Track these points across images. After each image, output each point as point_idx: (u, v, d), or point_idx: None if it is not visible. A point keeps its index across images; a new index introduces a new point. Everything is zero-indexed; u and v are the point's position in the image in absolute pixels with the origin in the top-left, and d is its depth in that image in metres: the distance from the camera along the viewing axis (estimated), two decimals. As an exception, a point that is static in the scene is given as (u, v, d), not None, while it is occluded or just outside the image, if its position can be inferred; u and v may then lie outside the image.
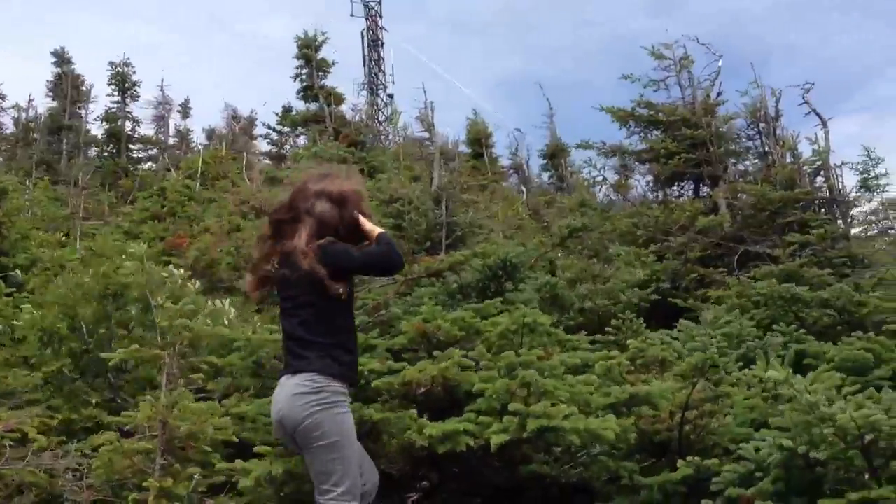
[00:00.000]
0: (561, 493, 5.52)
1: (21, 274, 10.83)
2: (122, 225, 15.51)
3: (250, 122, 34.70)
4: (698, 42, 14.12)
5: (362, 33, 33.46)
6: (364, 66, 32.88)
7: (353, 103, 27.20)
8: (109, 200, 20.86)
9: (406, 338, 6.20)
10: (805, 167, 12.46)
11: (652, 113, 13.73)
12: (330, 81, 26.32)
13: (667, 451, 5.53)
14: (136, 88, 31.08)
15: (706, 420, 5.56)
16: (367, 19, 33.57)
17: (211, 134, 34.73)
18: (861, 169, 18.45)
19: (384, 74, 33.15)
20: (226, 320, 6.63)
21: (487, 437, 4.72)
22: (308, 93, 25.77)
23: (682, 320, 8.36)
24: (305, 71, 25.85)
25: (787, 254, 10.72)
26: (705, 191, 13.57)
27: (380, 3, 33.70)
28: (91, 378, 6.41)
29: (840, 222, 11.73)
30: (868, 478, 4.26)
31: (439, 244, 10.91)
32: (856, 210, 12.89)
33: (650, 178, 14.85)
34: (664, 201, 13.98)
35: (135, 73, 30.94)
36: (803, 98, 12.86)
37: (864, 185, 18.94)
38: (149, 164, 30.73)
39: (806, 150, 12.74)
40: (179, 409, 4.82)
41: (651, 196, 15.07)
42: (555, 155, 28.33)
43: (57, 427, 5.80)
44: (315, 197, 3.56)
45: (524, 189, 28.74)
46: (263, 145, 31.67)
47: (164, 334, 5.20)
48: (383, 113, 32.03)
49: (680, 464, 4.95)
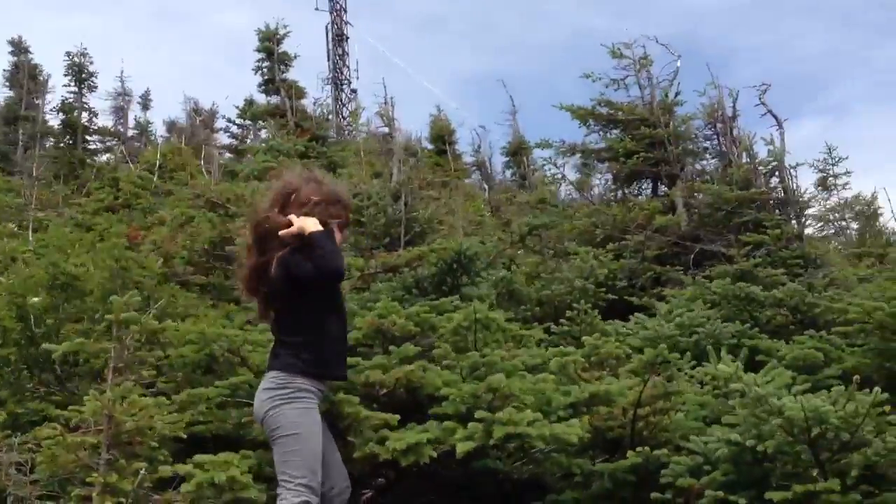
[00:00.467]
0: (514, 489, 5.54)
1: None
2: (76, 217, 15.26)
3: (211, 114, 34.32)
4: (657, 42, 14.24)
5: (327, 27, 33.18)
6: (328, 60, 32.62)
7: (316, 97, 26.92)
8: (64, 192, 20.49)
9: (361, 333, 6.17)
10: (761, 168, 12.61)
11: (611, 112, 13.81)
12: (292, 75, 26.05)
13: (619, 447, 5.56)
14: (94, 79, 30.48)
15: (658, 417, 5.60)
16: (331, 13, 33.29)
17: (171, 126, 34.27)
18: (821, 167, 18.81)
19: (348, 69, 32.92)
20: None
21: (452, 443, 4.72)
22: (269, 86, 25.44)
23: (637, 314, 8.45)
24: (267, 64, 25.54)
25: (742, 253, 10.85)
26: (663, 190, 13.68)
27: (345, -3, 33.48)
28: (38, 370, 6.27)
29: (794, 223, 11.89)
30: (816, 473, 4.32)
31: (398, 240, 10.86)
32: (811, 210, 13.12)
33: (609, 176, 14.97)
34: (623, 200, 14.08)
35: (92, 63, 30.34)
36: (760, 99, 13.02)
37: (823, 184, 19.30)
38: (107, 155, 30.22)
39: (762, 151, 12.91)
40: (127, 403, 4.73)
41: (610, 195, 15.18)
42: (517, 152, 28.32)
43: (2, 420, 5.66)
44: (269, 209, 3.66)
45: (486, 186, 28.74)
46: (224, 139, 31.40)
47: (111, 327, 5.09)
48: (347, 108, 31.82)
49: (630, 454, 4.99)
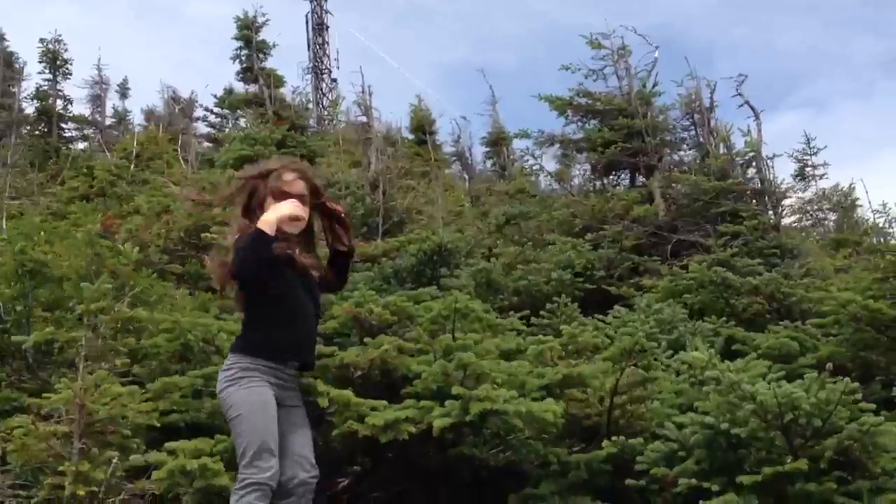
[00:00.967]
0: (491, 477, 5.52)
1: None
2: (51, 205, 15.10)
3: (190, 103, 34.00)
4: (636, 32, 14.26)
5: (307, 17, 33.00)
6: (308, 49, 32.45)
7: (295, 87, 26.75)
8: (39, 180, 20.26)
9: (338, 322, 6.15)
10: (738, 158, 12.69)
11: (590, 102, 13.82)
12: (271, 64, 25.87)
13: (596, 435, 5.57)
14: (68, 66, 30.13)
15: (634, 405, 5.61)
16: (312, 2, 33.09)
17: (150, 115, 33.91)
18: (799, 157, 18.97)
19: (329, 59, 32.75)
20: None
21: (430, 421, 4.71)
22: (248, 75, 25.29)
23: (617, 307, 8.46)
24: (245, 52, 25.36)
25: (720, 243, 10.91)
26: (641, 180, 13.72)
27: (326, -14, 33.24)
28: (9, 359, 6.19)
29: (771, 213, 11.98)
30: (790, 459, 4.34)
31: (376, 230, 10.85)
32: (789, 201, 13.21)
33: (588, 167, 14.99)
34: (601, 190, 14.11)
35: (66, 50, 29.99)
36: (737, 90, 13.10)
37: (801, 174, 19.47)
38: (83, 144, 29.90)
39: (739, 142, 12.99)
40: (100, 392, 4.68)
41: (589, 185, 15.21)
42: (497, 143, 28.30)
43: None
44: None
45: (466, 176, 28.72)
46: (203, 128, 31.14)
47: (84, 315, 5.03)
48: (327, 98, 31.66)
49: (605, 444, 4.99)
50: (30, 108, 30.07)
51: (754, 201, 12.34)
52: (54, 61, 29.47)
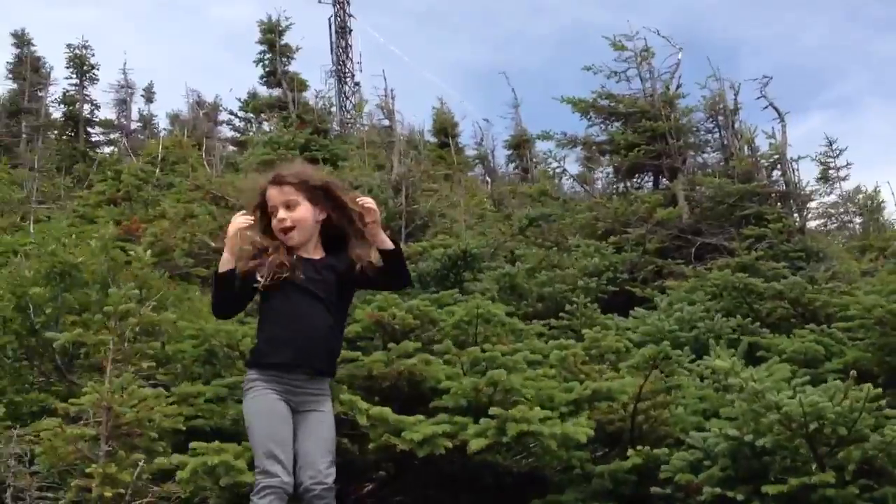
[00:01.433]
0: (514, 483, 5.53)
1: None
2: (78, 209, 15.27)
3: (214, 107, 34.24)
4: (659, 34, 14.20)
5: (330, 20, 33.14)
6: (331, 53, 32.59)
7: (318, 90, 26.88)
8: (66, 184, 20.49)
9: (361, 326, 6.17)
10: (762, 161, 12.60)
11: (612, 104, 13.77)
12: (295, 68, 26.02)
13: (619, 441, 5.55)
14: (95, 71, 30.49)
15: (658, 411, 5.59)
16: (334, 6, 33.21)
17: (175, 119, 34.20)
18: (822, 160, 18.83)
19: (351, 62, 32.86)
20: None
21: (464, 438, 4.73)
22: (271, 78, 25.45)
23: (638, 308, 8.43)
24: (268, 56, 25.52)
25: (744, 246, 10.84)
26: (664, 183, 13.66)
27: (348, -10, 33.37)
28: (38, 361, 6.27)
29: (796, 216, 11.88)
30: (815, 467, 4.32)
31: (399, 233, 10.87)
32: (813, 203, 13.10)
33: (611, 169, 14.94)
34: (624, 193, 14.05)
35: (93, 55, 30.37)
36: (761, 92, 13.01)
37: (824, 176, 19.33)
38: (109, 148, 30.20)
39: (764, 144, 12.90)
40: (126, 394, 4.73)
41: (612, 188, 15.15)
42: (520, 145, 28.27)
43: (4, 412, 5.66)
44: None
45: (489, 179, 28.69)
46: (227, 131, 31.36)
47: (111, 318, 5.09)
48: (350, 101, 31.76)
49: (630, 453, 4.98)
50: (57, 113, 30.49)
51: (779, 204, 12.25)
52: (81, 66, 29.82)
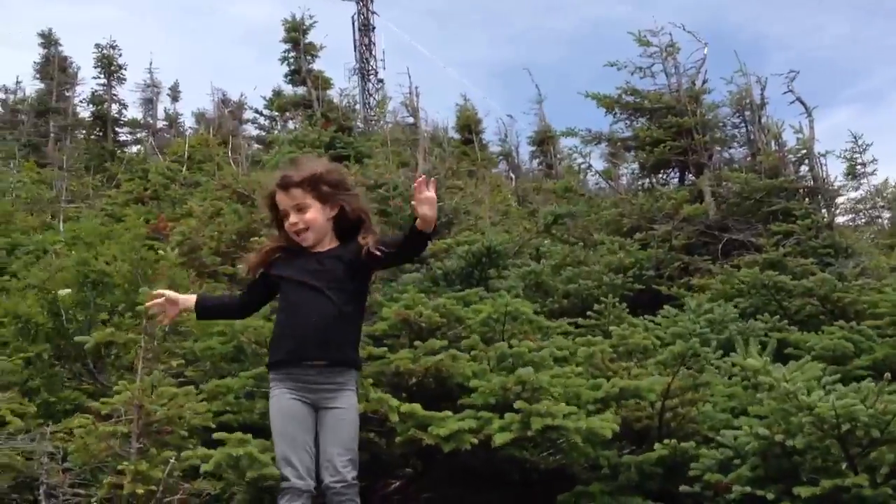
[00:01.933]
0: (540, 479, 5.53)
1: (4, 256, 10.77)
2: (106, 208, 15.44)
3: (239, 105, 34.44)
4: (684, 29, 14.09)
5: (353, 18, 33.17)
6: (355, 50, 32.62)
7: (342, 88, 26.99)
8: (94, 183, 20.72)
9: (387, 324, 6.19)
10: (790, 156, 12.47)
11: (638, 100, 13.68)
12: (319, 66, 26.14)
13: (647, 438, 5.54)
14: (122, 71, 30.81)
15: (686, 408, 5.57)
16: (357, 3, 33.23)
17: (200, 118, 34.44)
18: (848, 156, 18.61)
19: (375, 59, 32.88)
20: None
21: (489, 433, 4.74)
22: (296, 77, 25.57)
23: (666, 307, 8.38)
24: (293, 55, 25.63)
25: (772, 243, 10.74)
26: (690, 179, 13.56)
27: (371, -14, 33.36)
28: (70, 362, 6.35)
29: (824, 212, 11.76)
30: (845, 467, 4.28)
31: (424, 230, 10.84)
32: (841, 199, 12.95)
33: (636, 165, 14.85)
34: (650, 189, 13.97)
35: (120, 55, 30.68)
36: (788, 86, 12.88)
37: (851, 172, 19.10)
38: (137, 147, 30.49)
39: (791, 139, 12.77)
40: (156, 393, 4.79)
41: (637, 184, 15.07)
42: (543, 141, 28.19)
43: (35, 410, 5.75)
44: None
45: (513, 176, 28.63)
46: (253, 130, 31.53)
47: (140, 319, 5.15)
48: (374, 98, 31.80)
49: (657, 446, 4.96)
50: (84, 113, 30.81)
51: (807, 199, 12.12)
52: (109, 66, 30.11)
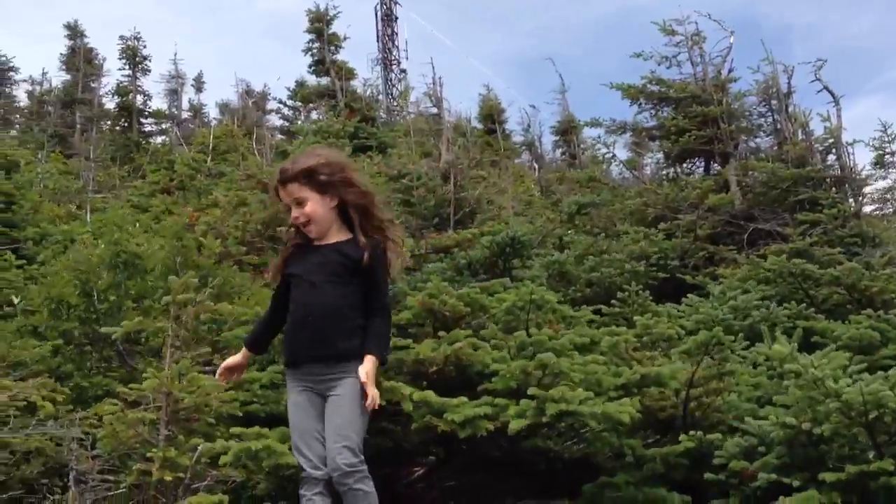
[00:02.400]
0: (564, 469, 5.54)
1: (32, 246, 10.90)
2: (132, 198, 15.58)
3: (263, 96, 34.59)
4: (710, 18, 13.98)
5: (376, 8, 33.22)
6: (377, 41, 32.68)
7: (365, 78, 27.03)
8: (120, 174, 20.90)
9: (412, 313, 6.21)
10: (817, 145, 12.35)
11: (663, 89, 13.60)
12: (342, 56, 26.22)
13: (671, 427, 5.53)
14: (147, 63, 31.00)
15: (711, 397, 5.56)
16: (380, -7, 33.29)
17: (224, 108, 34.63)
18: (876, 145, 18.37)
19: (398, 49, 32.93)
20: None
21: (505, 419, 4.75)
22: (319, 67, 25.67)
23: (690, 295, 8.35)
24: (317, 45, 25.73)
25: (798, 232, 10.65)
26: (716, 168, 13.48)
27: (393, -24, 33.39)
28: (100, 346, 6.43)
29: (851, 201, 11.64)
30: (872, 455, 4.26)
31: (448, 220, 10.89)
32: (868, 188, 12.81)
33: (661, 155, 14.78)
34: (675, 179, 13.90)
35: (145, 47, 30.85)
36: (815, 75, 12.74)
37: (879, 162, 18.85)
38: (161, 138, 30.72)
39: (818, 128, 12.65)
40: (185, 380, 4.84)
41: (662, 174, 15.00)
42: (567, 131, 28.10)
43: (66, 396, 5.83)
44: None
45: (536, 166, 28.58)
46: (277, 120, 31.68)
47: (170, 307, 5.20)
48: (397, 88, 31.85)
49: (682, 438, 4.95)
50: (110, 104, 31.03)
51: (834, 189, 12.00)
52: (134, 58, 30.29)
